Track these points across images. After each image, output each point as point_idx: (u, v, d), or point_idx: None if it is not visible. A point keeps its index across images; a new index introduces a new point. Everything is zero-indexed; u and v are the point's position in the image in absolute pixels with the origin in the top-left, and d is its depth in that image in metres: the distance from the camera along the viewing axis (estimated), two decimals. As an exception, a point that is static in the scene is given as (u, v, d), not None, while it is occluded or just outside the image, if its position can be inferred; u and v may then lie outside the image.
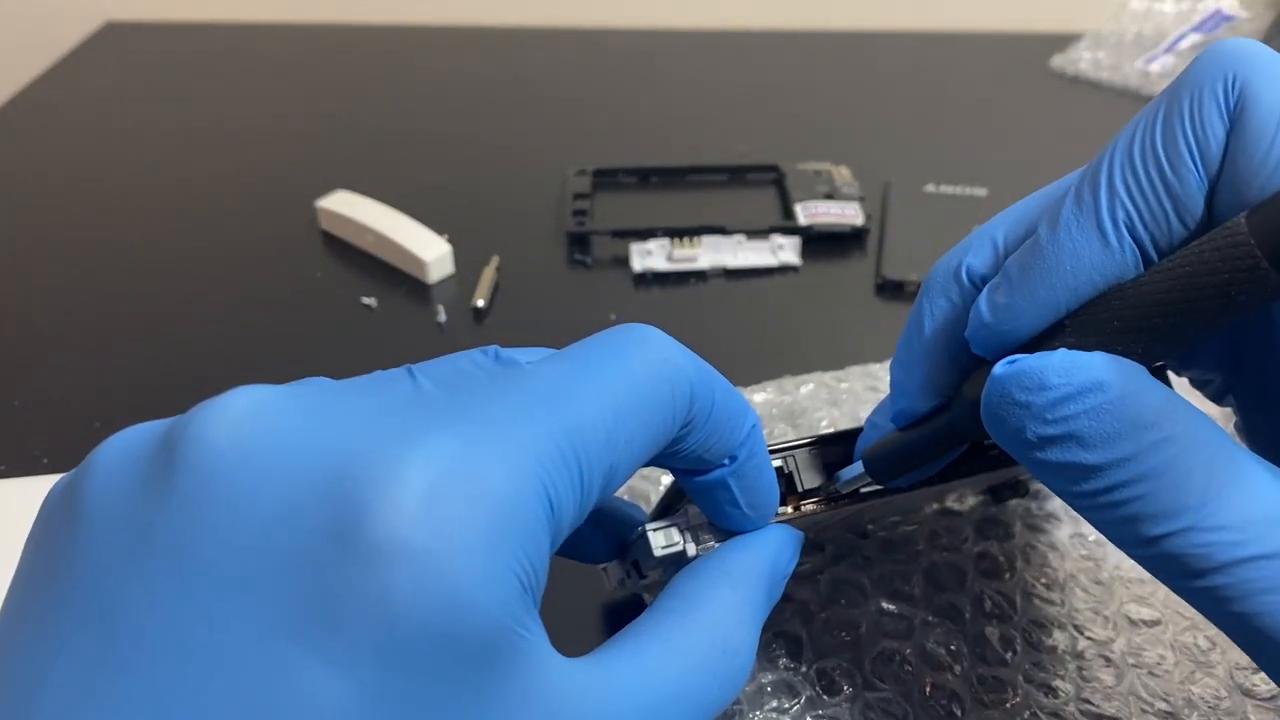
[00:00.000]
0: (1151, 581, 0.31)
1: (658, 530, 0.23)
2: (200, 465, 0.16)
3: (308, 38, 0.76)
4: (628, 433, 0.19)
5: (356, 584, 0.15)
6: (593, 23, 0.76)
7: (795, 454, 0.25)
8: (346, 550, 0.15)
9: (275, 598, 0.15)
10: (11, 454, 0.39)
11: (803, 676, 0.28)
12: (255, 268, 0.50)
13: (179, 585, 0.16)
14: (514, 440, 0.17)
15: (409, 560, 0.15)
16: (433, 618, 0.15)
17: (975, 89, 0.67)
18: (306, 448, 0.16)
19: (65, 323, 0.47)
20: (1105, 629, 0.30)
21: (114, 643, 0.15)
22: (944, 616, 0.30)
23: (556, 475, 0.17)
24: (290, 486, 0.16)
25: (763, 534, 0.23)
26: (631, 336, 0.20)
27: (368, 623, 0.15)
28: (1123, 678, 0.28)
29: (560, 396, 0.18)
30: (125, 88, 0.69)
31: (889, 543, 0.32)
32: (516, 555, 0.16)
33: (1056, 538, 0.32)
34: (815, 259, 0.50)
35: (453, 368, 0.19)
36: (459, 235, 0.50)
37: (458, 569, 0.16)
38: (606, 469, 0.18)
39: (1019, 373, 0.18)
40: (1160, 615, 0.30)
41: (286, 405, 0.17)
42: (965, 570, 0.31)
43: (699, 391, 0.20)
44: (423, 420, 0.17)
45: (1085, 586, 0.31)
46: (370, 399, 0.18)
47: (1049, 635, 0.29)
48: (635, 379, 0.19)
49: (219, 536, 0.16)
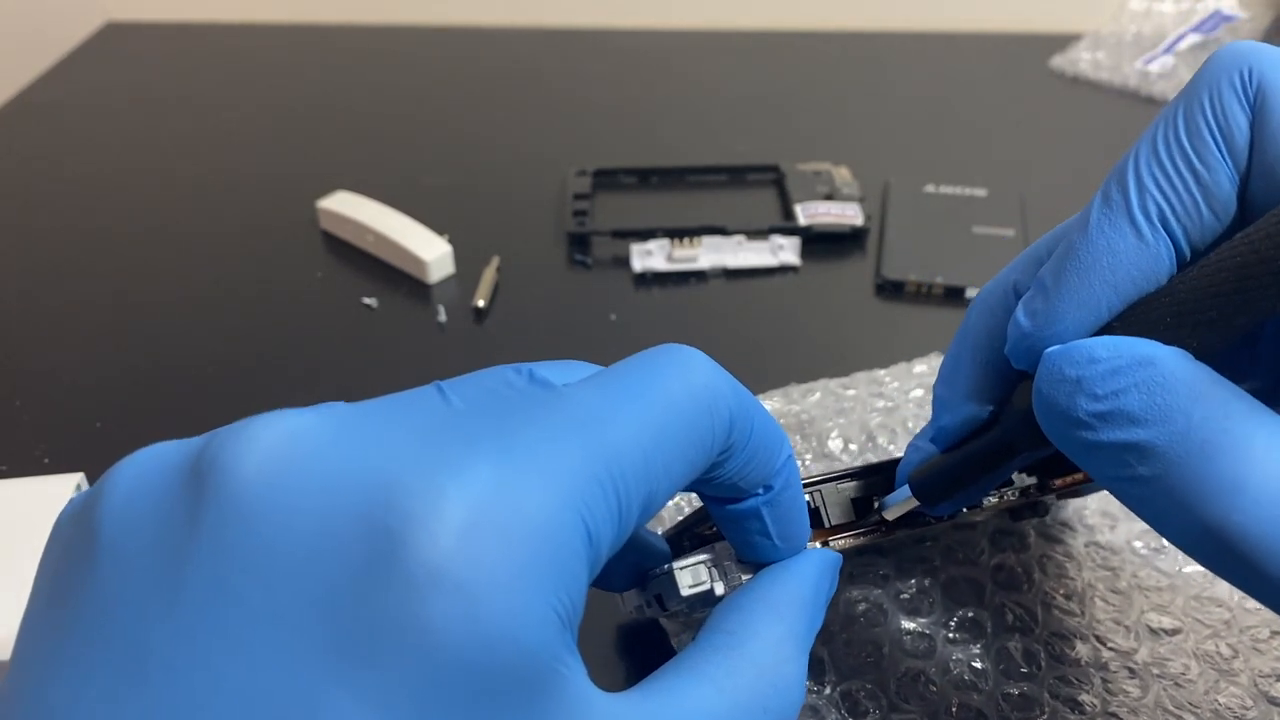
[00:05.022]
0: (1170, 589, 0.31)
1: (684, 569, 0.23)
2: (231, 497, 0.16)
3: (308, 38, 0.76)
4: (666, 460, 0.18)
5: (392, 618, 0.15)
6: (593, 23, 0.76)
7: (822, 489, 0.24)
8: (382, 583, 0.15)
9: (309, 631, 0.15)
10: (12, 454, 0.39)
11: (827, 700, 0.28)
12: (255, 268, 0.50)
13: (211, 620, 0.15)
14: (552, 468, 0.17)
15: (445, 594, 0.15)
16: (469, 653, 0.15)
17: (975, 89, 0.67)
18: (339, 477, 0.16)
19: (66, 323, 0.47)
20: (1127, 639, 0.29)
21: (144, 678, 0.15)
22: (966, 632, 0.30)
23: (594, 504, 0.17)
24: (324, 518, 0.16)
25: (801, 560, 0.22)
26: (673, 359, 0.20)
27: (402, 657, 0.15)
28: (1148, 689, 0.28)
29: (598, 422, 0.18)
30: (125, 88, 0.69)
31: (905, 559, 0.32)
32: (555, 589, 0.16)
33: (1072, 547, 0.32)
34: (815, 259, 0.50)
35: (484, 388, 0.18)
36: (459, 235, 0.50)
37: (495, 603, 0.15)
38: (645, 497, 0.18)
39: (1069, 350, 0.18)
40: (1181, 624, 0.30)
41: (317, 433, 0.17)
42: (984, 584, 0.31)
43: (738, 418, 0.20)
44: (458, 446, 0.17)
45: (1104, 596, 0.31)
46: (401, 422, 0.17)
47: (1072, 648, 0.29)
48: (675, 404, 0.19)
49: (252, 570, 0.15)
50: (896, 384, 0.40)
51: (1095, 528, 0.33)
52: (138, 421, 0.41)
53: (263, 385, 0.42)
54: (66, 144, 0.62)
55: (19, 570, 0.31)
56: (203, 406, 0.41)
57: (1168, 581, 0.31)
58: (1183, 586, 0.31)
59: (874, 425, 0.38)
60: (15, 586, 0.30)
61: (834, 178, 0.54)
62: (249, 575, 0.15)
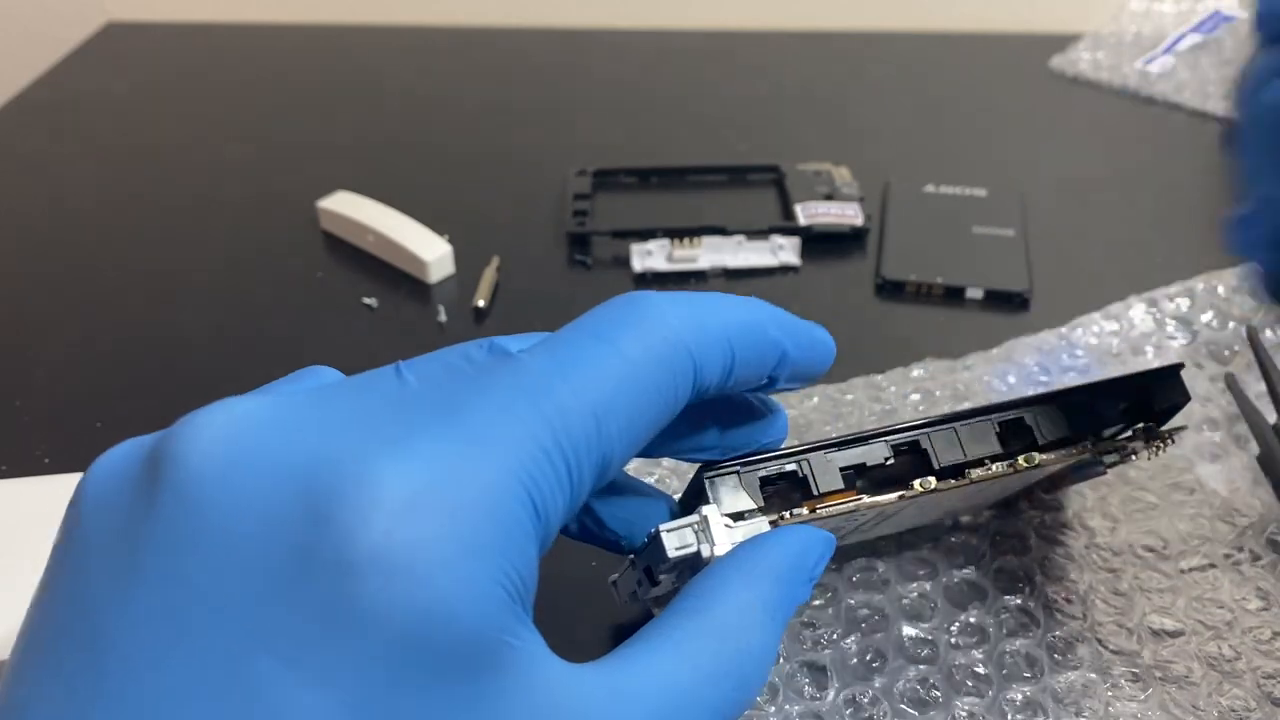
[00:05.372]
0: (1172, 591, 0.31)
1: (672, 531, 0.22)
2: (181, 483, 0.16)
3: (308, 38, 0.75)
4: (621, 422, 0.18)
5: (332, 600, 0.15)
6: (593, 23, 0.76)
7: (809, 457, 0.24)
8: (320, 565, 0.15)
9: (254, 615, 0.15)
10: (12, 454, 0.39)
11: (830, 706, 0.28)
12: (255, 268, 0.50)
13: (162, 605, 0.15)
14: (495, 443, 0.17)
15: (381, 574, 0.15)
16: (409, 631, 0.15)
17: (975, 89, 0.67)
18: (283, 459, 0.16)
19: (66, 323, 0.47)
20: (1129, 641, 0.29)
21: (101, 664, 0.15)
22: (968, 636, 0.30)
23: (541, 476, 0.17)
24: (267, 502, 0.16)
25: (783, 532, 0.22)
26: (629, 313, 0.19)
27: (344, 639, 0.15)
28: (1150, 692, 0.28)
29: (546, 390, 0.17)
30: (125, 88, 0.69)
31: (906, 562, 0.32)
32: (499, 564, 0.16)
33: (1073, 549, 0.32)
34: (815, 259, 0.50)
35: (443, 363, 0.19)
36: (459, 235, 0.50)
37: (434, 581, 0.15)
38: (598, 462, 0.18)
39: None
40: (1183, 626, 0.30)
41: (267, 416, 0.17)
42: (985, 587, 0.31)
43: (706, 363, 0.20)
44: (400, 424, 0.17)
45: (1106, 598, 0.31)
46: (353, 401, 0.18)
47: (1074, 651, 0.29)
48: (628, 364, 0.18)
49: (199, 555, 0.16)
50: (894, 388, 0.40)
51: (1096, 530, 0.33)
52: (138, 422, 0.41)
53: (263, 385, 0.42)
54: (66, 144, 0.62)
55: (19, 570, 0.31)
56: (202, 406, 0.41)
57: (1169, 583, 0.31)
58: (1184, 588, 0.31)
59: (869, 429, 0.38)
60: (15, 586, 0.30)
61: (834, 178, 0.54)
62: (198, 561, 0.16)
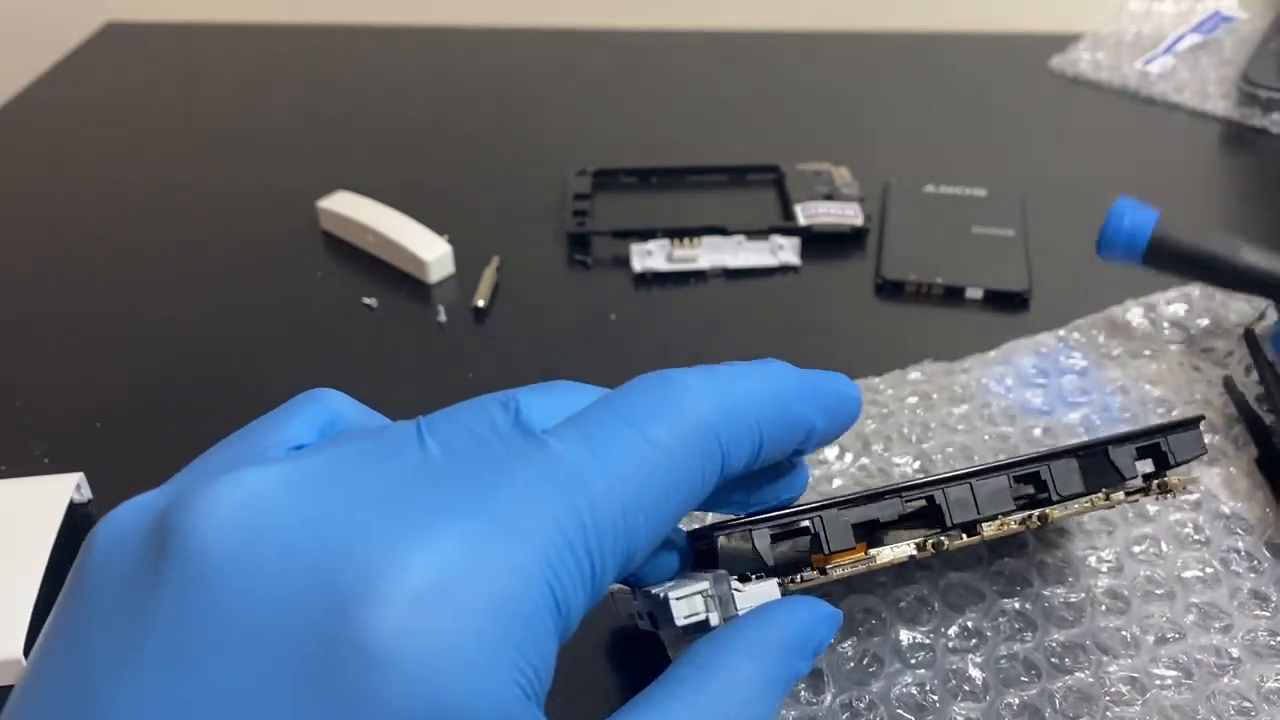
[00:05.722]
0: (1170, 595, 0.31)
1: (681, 599, 0.22)
2: (192, 562, 0.16)
3: (308, 38, 0.76)
4: (648, 513, 0.18)
5: (346, 692, 0.15)
6: (593, 23, 0.76)
7: (822, 514, 0.24)
8: (336, 656, 0.15)
9: (265, 705, 0.15)
10: (11, 454, 0.39)
11: (827, 710, 0.28)
12: (255, 268, 0.50)
13: (168, 689, 0.15)
14: (520, 538, 0.16)
15: (399, 669, 0.15)
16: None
17: (975, 89, 0.67)
18: (301, 542, 0.16)
19: (66, 323, 0.47)
20: (1127, 646, 0.29)
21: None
22: (966, 640, 0.30)
23: (565, 570, 0.17)
24: (284, 587, 0.15)
25: (792, 603, 0.22)
26: (660, 399, 0.19)
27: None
28: (1150, 697, 0.28)
29: (576, 482, 0.17)
30: (125, 88, 0.69)
31: (902, 568, 0.32)
32: (517, 662, 0.16)
33: (1071, 553, 0.32)
34: (815, 259, 0.50)
35: (468, 432, 0.18)
36: (459, 235, 0.50)
37: (451, 678, 0.15)
38: (622, 554, 0.18)
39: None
40: (1182, 630, 0.30)
41: (280, 494, 0.17)
42: (983, 591, 0.31)
43: (734, 449, 0.19)
44: (424, 511, 0.16)
45: (1104, 602, 0.31)
46: (371, 477, 0.17)
47: (1072, 656, 0.29)
48: (660, 454, 0.18)
49: (209, 639, 0.15)
50: (891, 391, 0.40)
51: (1094, 533, 0.33)
52: (138, 422, 0.41)
53: (262, 385, 0.42)
54: (66, 144, 0.62)
55: (19, 570, 0.31)
56: (202, 406, 0.41)
57: (1167, 587, 0.31)
58: (1183, 593, 0.31)
59: (869, 432, 0.38)
60: (15, 586, 0.30)
61: (834, 178, 0.54)
62: (207, 644, 0.15)
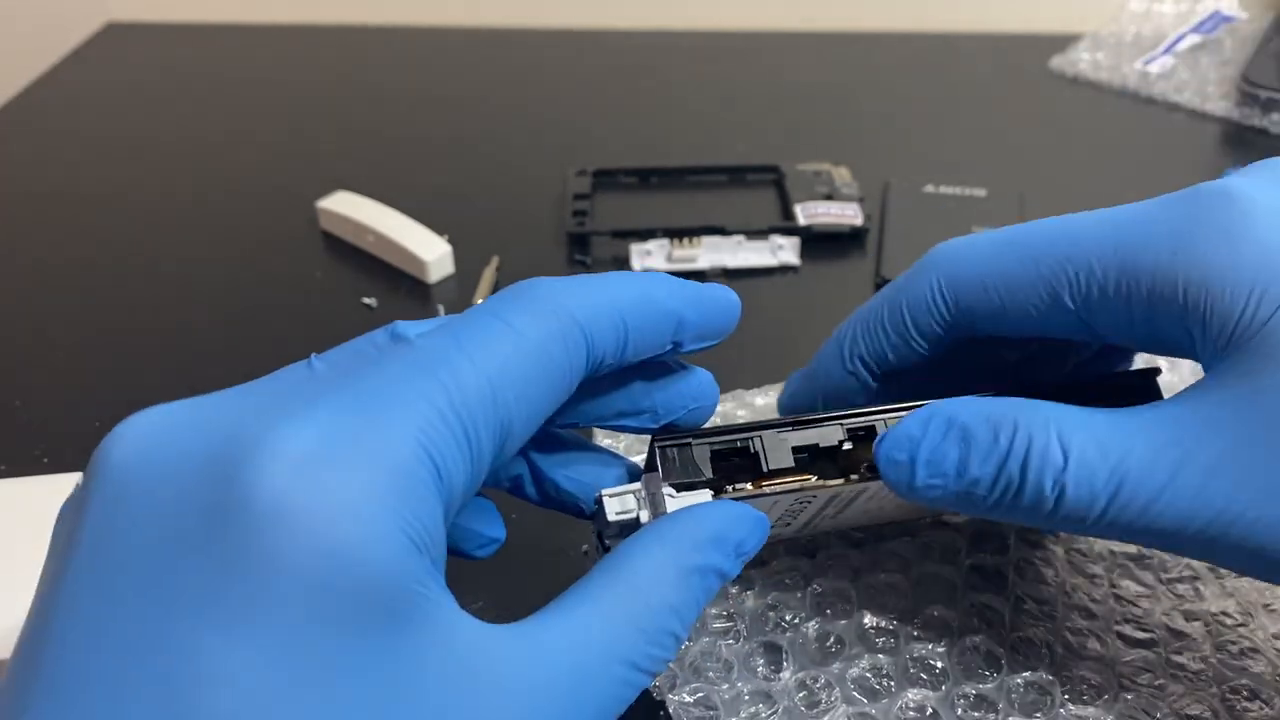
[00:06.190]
0: (1151, 598, 0.31)
1: (614, 496, 0.23)
2: (105, 477, 0.18)
3: (308, 38, 0.76)
4: (516, 390, 0.19)
5: (240, 552, 0.16)
6: (593, 23, 0.76)
7: (763, 434, 0.24)
8: (226, 523, 0.16)
9: (174, 582, 0.16)
10: (11, 454, 0.39)
11: (782, 686, 0.28)
12: (255, 268, 0.50)
13: (90, 583, 0.17)
14: (391, 408, 0.18)
15: (286, 523, 0.16)
16: (319, 577, 0.16)
17: (975, 89, 0.67)
18: (194, 440, 0.17)
19: (65, 323, 0.47)
20: (1096, 646, 0.29)
21: (43, 647, 0.16)
22: (931, 630, 0.30)
23: (440, 438, 0.18)
24: (177, 477, 0.17)
25: (708, 505, 0.23)
26: (519, 294, 0.21)
27: (256, 588, 0.16)
28: (1107, 699, 0.28)
29: (442, 363, 0.19)
30: (125, 88, 0.69)
31: (880, 554, 0.32)
32: (402, 514, 0.17)
33: (1052, 553, 0.32)
34: (815, 259, 0.50)
35: (351, 350, 0.20)
36: (459, 235, 0.50)
37: (338, 526, 0.16)
38: (496, 428, 0.19)
39: None
40: (1154, 635, 0.29)
41: (184, 412, 0.19)
42: (956, 584, 0.31)
43: (597, 334, 0.21)
44: (303, 398, 0.18)
45: (1078, 604, 0.30)
46: (262, 388, 0.19)
47: (1037, 654, 0.29)
48: (520, 337, 0.20)
49: (124, 537, 0.17)
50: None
51: (1075, 536, 0.33)
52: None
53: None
54: (67, 144, 0.62)
55: (19, 570, 0.31)
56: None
57: (1148, 591, 0.31)
58: (1163, 597, 0.31)
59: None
60: (15, 586, 0.30)
61: (834, 178, 0.54)
62: (123, 542, 0.17)
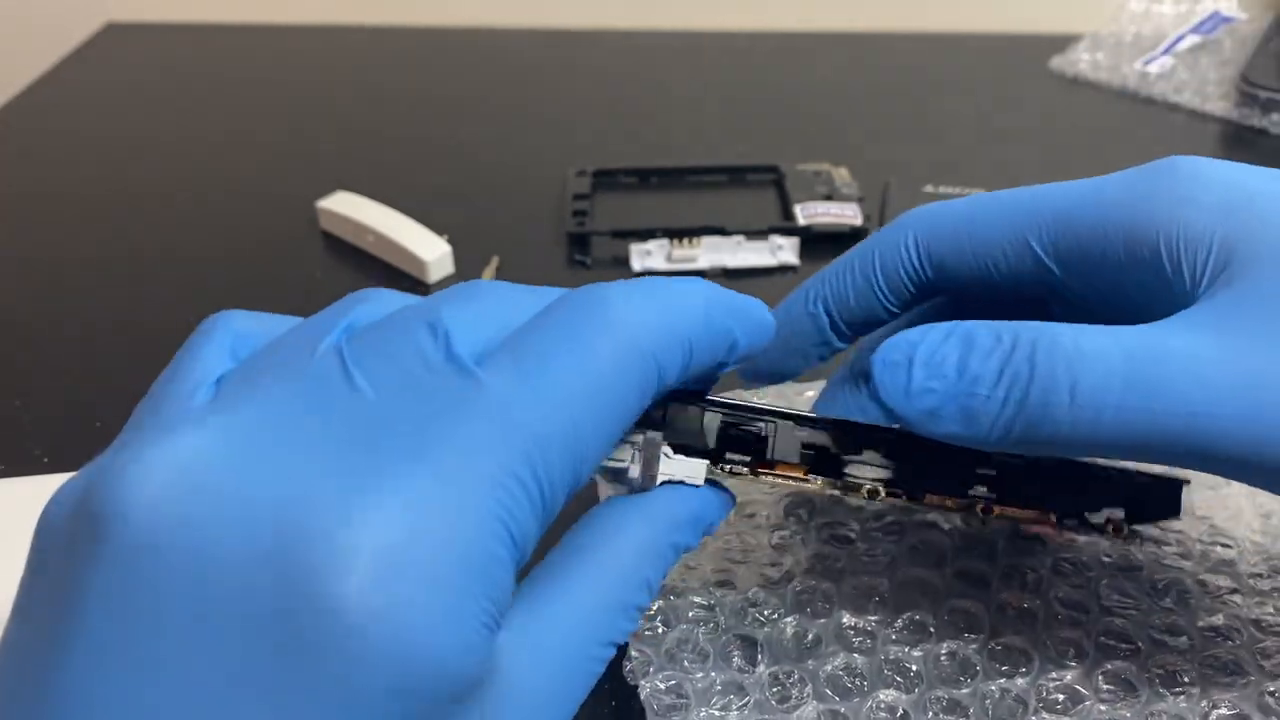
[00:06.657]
0: (1138, 609, 0.30)
1: None
2: (125, 542, 0.15)
3: (309, 38, 0.76)
4: (591, 437, 0.18)
5: (319, 656, 0.15)
6: (593, 23, 0.76)
7: (779, 423, 0.24)
8: (303, 626, 0.15)
9: (233, 692, 0.15)
10: (11, 454, 0.39)
11: (755, 679, 0.28)
12: (255, 268, 0.50)
13: (116, 679, 0.15)
14: (470, 483, 0.16)
15: (375, 631, 0.15)
16: (403, 682, 0.15)
17: (975, 89, 0.67)
18: (241, 512, 0.15)
19: (65, 323, 0.47)
20: (1078, 657, 0.29)
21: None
22: (910, 633, 0.29)
23: (517, 507, 0.17)
24: (234, 560, 0.15)
25: (695, 490, 0.23)
26: (590, 313, 0.19)
27: (334, 695, 0.15)
28: (1084, 706, 0.27)
29: (518, 421, 0.17)
30: (125, 88, 0.69)
31: (864, 555, 0.32)
32: (481, 603, 0.16)
33: (1041, 561, 0.32)
34: (814, 259, 0.50)
35: (397, 365, 0.17)
36: (459, 235, 0.50)
37: (425, 634, 0.15)
38: (571, 478, 0.18)
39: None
40: (1136, 647, 0.29)
41: (213, 458, 0.16)
42: (939, 587, 0.31)
43: (668, 366, 0.20)
44: (368, 462, 0.16)
45: (1062, 614, 0.30)
46: (309, 427, 0.17)
47: (1014, 662, 0.29)
48: (600, 380, 0.18)
49: (157, 623, 0.15)
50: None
51: (1063, 545, 0.32)
52: (137, 421, 0.41)
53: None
54: (67, 145, 0.62)
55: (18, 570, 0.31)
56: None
57: (1132, 602, 0.30)
58: (1149, 609, 0.30)
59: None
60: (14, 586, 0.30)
61: (833, 178, 0.54)
62: (157, 630, 0.15)
